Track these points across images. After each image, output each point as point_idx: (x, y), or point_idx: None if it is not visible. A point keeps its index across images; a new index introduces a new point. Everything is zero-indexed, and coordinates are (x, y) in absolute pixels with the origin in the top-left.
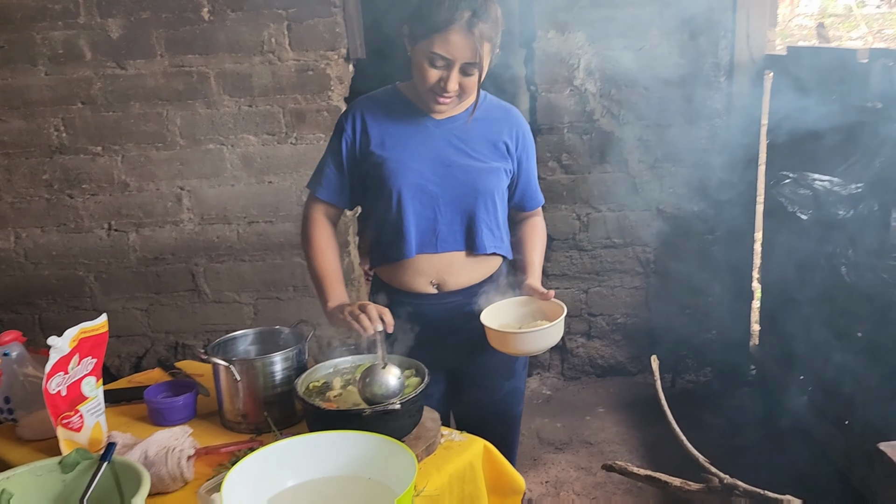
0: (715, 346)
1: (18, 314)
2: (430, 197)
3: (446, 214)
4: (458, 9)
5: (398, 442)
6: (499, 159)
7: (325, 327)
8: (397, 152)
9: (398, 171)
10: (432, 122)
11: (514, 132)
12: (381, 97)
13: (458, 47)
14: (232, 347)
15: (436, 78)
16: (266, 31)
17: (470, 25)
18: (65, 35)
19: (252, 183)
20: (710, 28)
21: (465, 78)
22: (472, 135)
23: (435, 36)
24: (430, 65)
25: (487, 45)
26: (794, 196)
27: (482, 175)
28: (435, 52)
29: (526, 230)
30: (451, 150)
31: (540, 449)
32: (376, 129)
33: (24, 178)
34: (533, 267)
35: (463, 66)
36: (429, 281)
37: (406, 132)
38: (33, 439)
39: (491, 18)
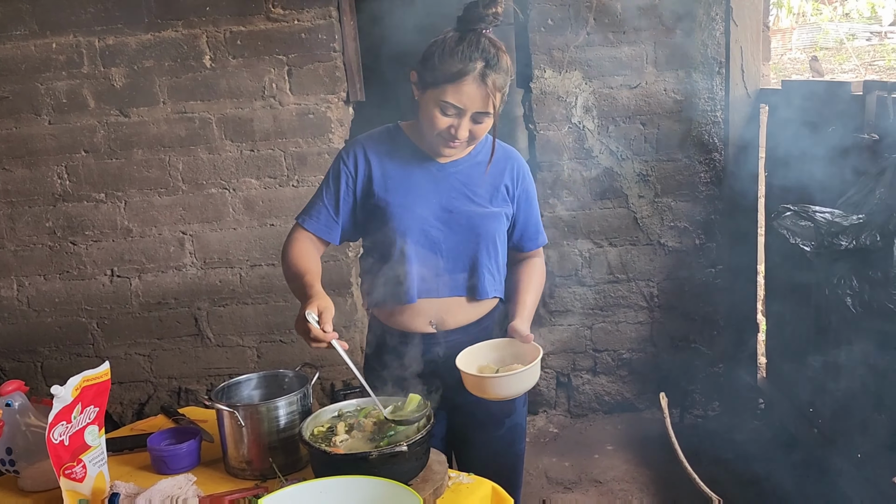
0: (722, 379)
1: (21, 362)
2: (432, 242)
3: (449, 260)
4: (472, 59)
5: (405, 486)
6: (500, 203)
7: (327, 369)
8: (401, 196)
9: (402, 217)
10: (436, 165)
11: (514, 174)
12: (382, 137)
13: (470, 98)
14: (236, 392)
15: (446, 125)
16: (267, 77)
17: (483, 76)
18: (68, 85)
19: (254, 226)
20: (705, 64)
21: (475, 126)
22: (475, 179)
23: (448, 86)
24: (441, 113)
25: (498, 95)
26: (795, 228)
27: (485, 220)
28: (447, 101)
29: (523, 271)
30: (455, 196)
31: (549, 489)
32: (378, 170)
33: (28, 226)
34: (523, 308)
35: (474, 115)
36: (428, 321)
37: (410, 175)
38: (35, 490)
39: (503, 69)
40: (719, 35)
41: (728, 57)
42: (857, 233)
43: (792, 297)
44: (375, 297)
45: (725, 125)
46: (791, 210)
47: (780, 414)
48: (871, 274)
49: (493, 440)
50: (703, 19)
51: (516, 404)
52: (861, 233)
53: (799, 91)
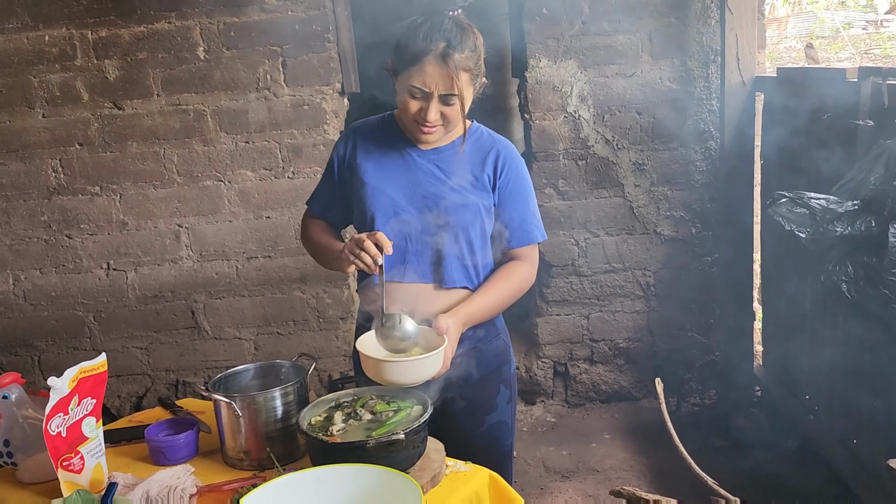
0: (719, 368)
1: (17, 356)
2: (402, 226)
3: (417, 244)
4: (433, 41)
5: (403, 474)
6: (478, 193)
7: (325, 360)
8: (377, 179)
9: (374, 197)
10: (417, 151)
11: (497, 163)
12: (375, 124)
13: (433, 78)
14: (233, 383)
15: (416, 109)
16: (261, 68)
17: (444, 57)
18: (62, 77)
19: (250, 218)
20: (701, 52)
21: (446, 108)
22: (455, 167)
23: (412, 69)
24: (410, 97)
25: (465, 75)
26: (790, 215)
27: (458, 209)
28: (413, 84)
29: (497, 272)
30: (431, 182)
31: (546, 477)
32: (364, 154)
33: (23, 220)
34: (467, 304)
35: (442, 96)
36: (400, 309)
37: (389, 160)
38: (33, 482)
39: (468, 48)
40: (714, 23)
41: (723, 45)
42: (852, 219)
43: (788, 285)
44: (360, 275)
45: (721, 113)
46: (786, 197)
47: (776, 401)
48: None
49: (475, 437)
50: (699, 8)
51: (498, 402)
52: (856, 219)
53: (794, 78)
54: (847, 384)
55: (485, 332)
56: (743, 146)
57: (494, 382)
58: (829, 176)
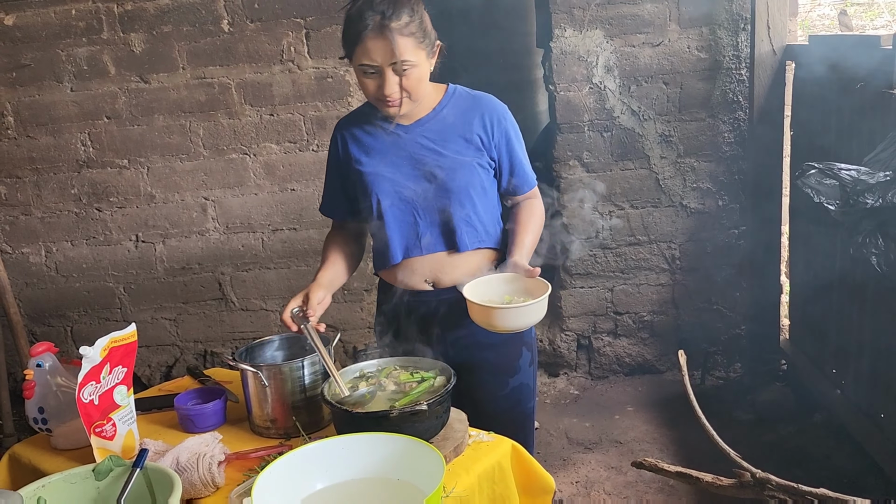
0: (744, 341)
1: (51, 327)
2: (407, 202)
3: (425, 217)
4: (365, 17)
5: (426, 443)
6: (472, 153)
7: (350, 332)
8: (373, 164)
9: (374, 182)
10: (402, 128)
11: (486, 121)
12: (357, 113)
13: (377, 51)
14: (259, 353)
15: (374, 87)
16: (285, 41)
17: (381, 28)
18: (89, 51)
19: (275, 191)
20: (730, 20)
21: (402, 78)
22: (442, 133)
23: (356, 49)
24: (364, 76)
25: (408, 41)
26: (820, 187)
27: (454, 173)
28: (362, 63)
29: (519, 213)
30: (423, 153)
31: (569, 449)
32: (354, 145)
33: (53, 193)
34: (521, 246)
35: (392, 67)
36: (423, 279)
37: (378, 143)
38: (67, 448)
39: (405, 14)
40: None
41: (753, 13)
42: (883, 190)
43: (816, 258)
44: (375, 262)
45: (750, 83)
46: (815, 168)
47: (802, 375)
48: None
49: (498, 400)
50: None
51: (520, 364)
52: (888, 190)
53: (826, 46)
54: (875, 358)
55: None
56: (772, 116)
57: (517, 345)
58: (861, 146)
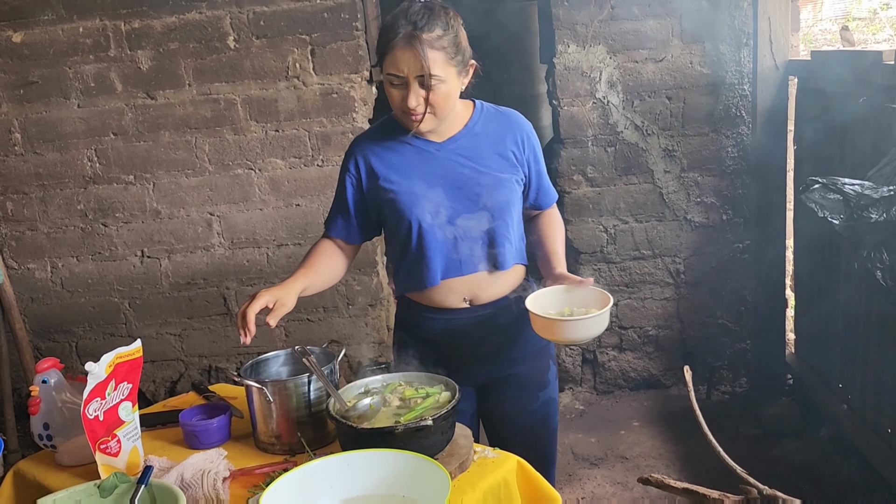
0: (750, 356)
1: (56, 342)
2: (446, 221)
3: (466, 237)
4: (398, 25)
5: (431, 459)
6: (508, 170)
7: (354, 346)
8: (407, 183)
9: (413, 202)
10: (434, 145)
11: (517, 138)
12: (378, 131)
13: (404, 62)
14: (264, 369)
15: (399, 98)
16: (290, 57)
17: (411, 38)
18: (96, 68)
19: (280, 206)
20: (732, 36)
21: (427, 91)
22: (478, 150)
23: (386, 58)
24: (391, 86)
25: (438, 55)
26: (824, 201)
27: (495, 191)
28: (389, 72)
29: (543, 224)
30: (460, 171)
31: (575, 464)
32: (380, 164)
33: (59, 209)
34: (558, 256)
35: (419, 80)
36: (461, 298)
37: (411, 161)
38: (72, 465)
39: (438, 27)
40: (747, 6)
41: (756, 28)
42: (887, 205)
43: (821, 272)
44: (404, 284)
45: (753, 98)
46: (819, 183)
47: (809, 390)
48: None
49: (528, 414)
50: None
51: (549, 378)
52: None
53: (829, 61)
54: (882, 372)
55: None
56: (776, 131)
57: (545, 358)
58: (864, 161)
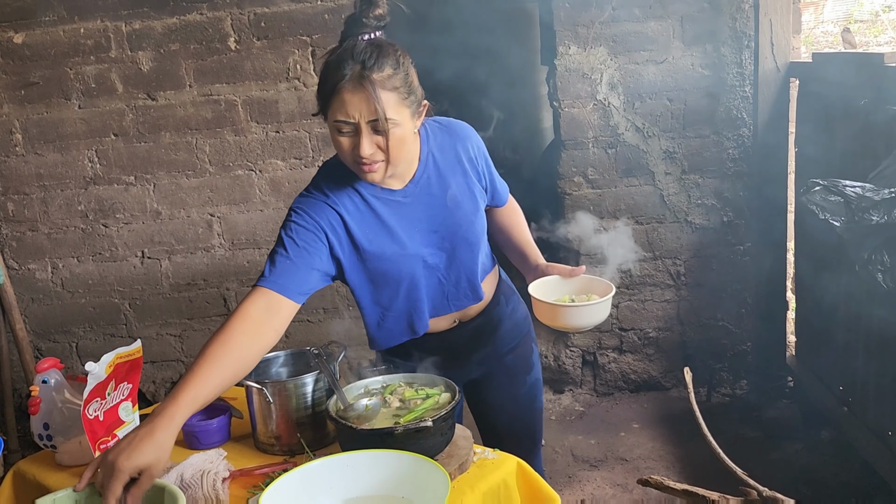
0: (750, 358)
1: (56, 343)
2: (432, 270)
3: (451, 279)
4: (345, 66)
5: (431, 460)
6: (473, 194)
7: (354, 348)
8: (388, 242)
9: (397, 261)
10: (399, 194)
11: (468, 150)
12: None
13: (353, 106)
14: (264, 370)
15: (349, 147)
16: (291, 58)
17: (360, 79)
18: (97, 69)
19: (280, 208)
20: (734, 38)
21: (379, 137)
22: (441, 183)
23: (332, 102)
24: (338, 134)
25: (392, 96)
26: (825, 203)
27: (472, 227)
28: (337, 119)
29: (504, 216)
30: (433, 213)
31: (574, 466)
32: (357, 230)
33: (60, 210)
34: (531, 247)
35: (371, 124)
36: (450, 321)
37: (382, 216)
38: (72, 465)
39: (388, 65)
40: (748, 8)
41: (757, 30)
42: (888, 207)
43: (822, 274)
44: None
45: (754, 100)
46: (820, 185)
47: (809, 392)
48: None
49: (518, 399)
50: None
51: (533, 360)
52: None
53: (830, 63)
54: (882, 375)
55: (511, 302)
56: (777, 133)
57: (528, 343)
58: (865, 163)
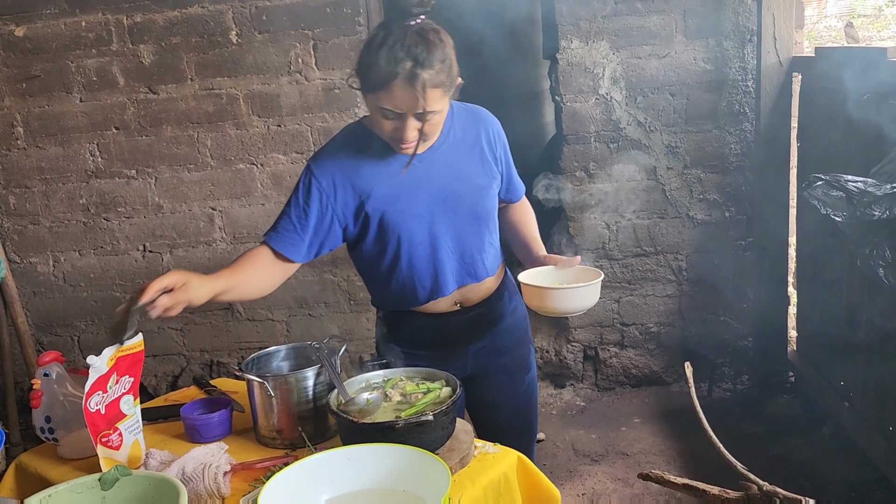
0: (751, 353)
1: (58, 336)
2: (436, 237)
3: (455, 250)
4: (398, 62)
5: (432, 454)
6: (487, 174)
7: (355, 342)
8: (392, 202)
9: (400, 223)
10: (416, 157)
11: (489, 135)
12: (348, 144)
13: (403, 101)
14: (265, 364)
15: (391, 129)
16: (293, 52)
17: (412, 78)
18: (98, 62)
19: (282, 201)
20: (736, 32)
21: (423, 124)
22: (457, 157)
23: (380, 92)
24: (382, 117)
25: (437, 91)
26: (826, 198)
27: (481, 200)
28: (384, 107)
29: (516, 213)
30: (444, 182)
31: (575, 461)
32: (362, 184)
33: (62, 203)
34: (537, 241)
35: (416, 114)
36: (452, 303)
37: (393, 176)
38: (74, 458)
39: (437, 61)
40: (751, 2)
41: (760, 25)
42: (890, 202)
43: (823, 269)
44: (390, 303)
45: (756, 95)
46: (822, 180)
47: (810, 387)
48: None
49: (516, 397)
50: None
51: (531, 359)
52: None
53: (833, 58)
54: (883, 370)
55: (514, 300)
56: (779, 128)
57: (526, 343)
58: (867, 158)
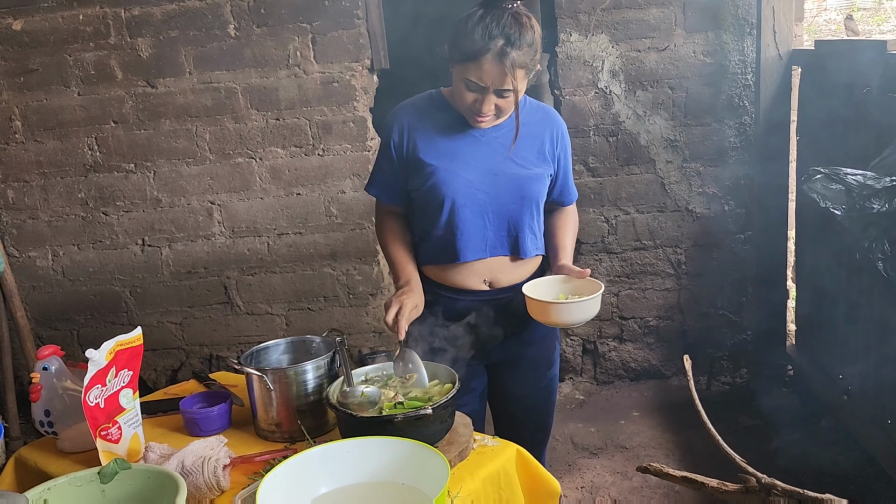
0: (750, 347)
1: (57, 330)
2: (479, 205)
3: (494, 221)
4: (491, 38)
5: (430, 447)
6: (542, 164)
7: (354, 336)
8: (447, 161)
9: (449, 181)
10: (479, 131)
11: (554, 135)
12: (425, 104)
13: (490, 75)
14: (265, 357)
15: (471, 100)
16: (291, 45)
17: (502, 55)
18: (96, 56)
19: (281, 195)
20: (736, 25)
21: (501, 100)
22: (519, 142)
23: (469, 64)
24: (466, 88)
25: (521, 71)
26: (826, 191)
27: (529, 183)
28: (469, 78)
29: (558, 218)
30: (499, 159)
31: (574, 454)
32: (423, 137)
33: (60, 197)
34: (564, 250)
35: (497, 90)
36: (482, 280)
37: (454, 141)
38: (73, 451)
39: (526, 43)
40: None
41: (759, 18)
42: (890, 195)
43: (823, 263)
44: (424, 256)
45: (756, 88)
46: (821, 173)
47: (809, 381)
48: None
49: (537, 392)
50: None
51: (554, 357)
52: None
53: (833, 51)
54: (882, 363)
55: None
56: (778, 121)
57: (552, 339)
58: (867, 151)
